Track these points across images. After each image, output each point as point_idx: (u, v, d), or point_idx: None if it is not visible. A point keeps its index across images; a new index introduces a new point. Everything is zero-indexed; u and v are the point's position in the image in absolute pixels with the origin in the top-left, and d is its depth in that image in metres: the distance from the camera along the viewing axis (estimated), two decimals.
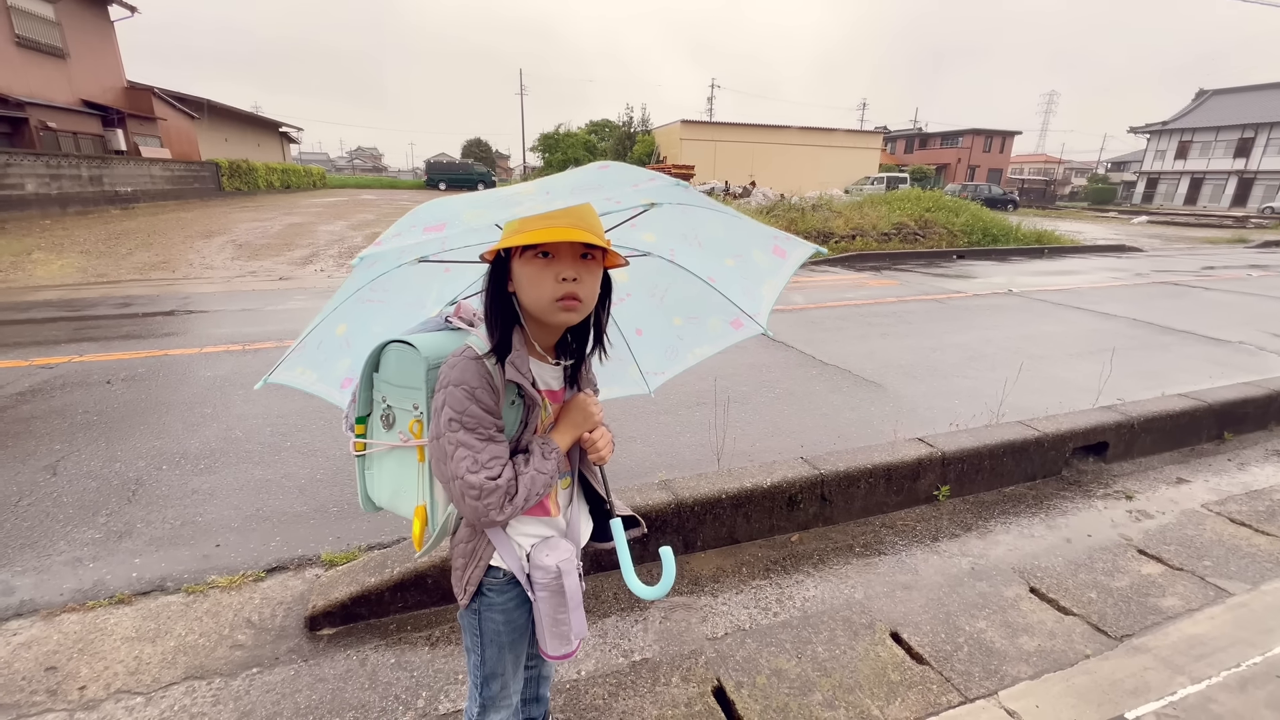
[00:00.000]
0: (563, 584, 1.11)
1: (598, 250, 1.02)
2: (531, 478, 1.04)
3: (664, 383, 1.73)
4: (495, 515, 1.01)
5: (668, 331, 1.64)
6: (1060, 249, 14.15)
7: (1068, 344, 5.79)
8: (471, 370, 0.99)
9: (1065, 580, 2.39)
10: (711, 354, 1.68)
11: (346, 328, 1.33)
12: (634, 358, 1.67)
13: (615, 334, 1.60)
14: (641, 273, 1.47)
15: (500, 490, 0.99)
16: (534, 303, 1.01)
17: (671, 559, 1.11)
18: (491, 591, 1.16)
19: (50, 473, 3.02)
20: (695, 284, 1.47)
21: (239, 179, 24.58)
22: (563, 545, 1.15)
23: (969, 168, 49.20)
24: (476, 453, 0.99)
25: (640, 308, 1.58)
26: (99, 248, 10.55)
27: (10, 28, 15.20)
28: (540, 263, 0.98)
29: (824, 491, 2.70)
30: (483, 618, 1.18)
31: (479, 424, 1.00)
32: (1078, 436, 3.27)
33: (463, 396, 0.98)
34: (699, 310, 1.57)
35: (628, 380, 1.73)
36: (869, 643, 2.05)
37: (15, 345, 5.16)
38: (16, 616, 2.09)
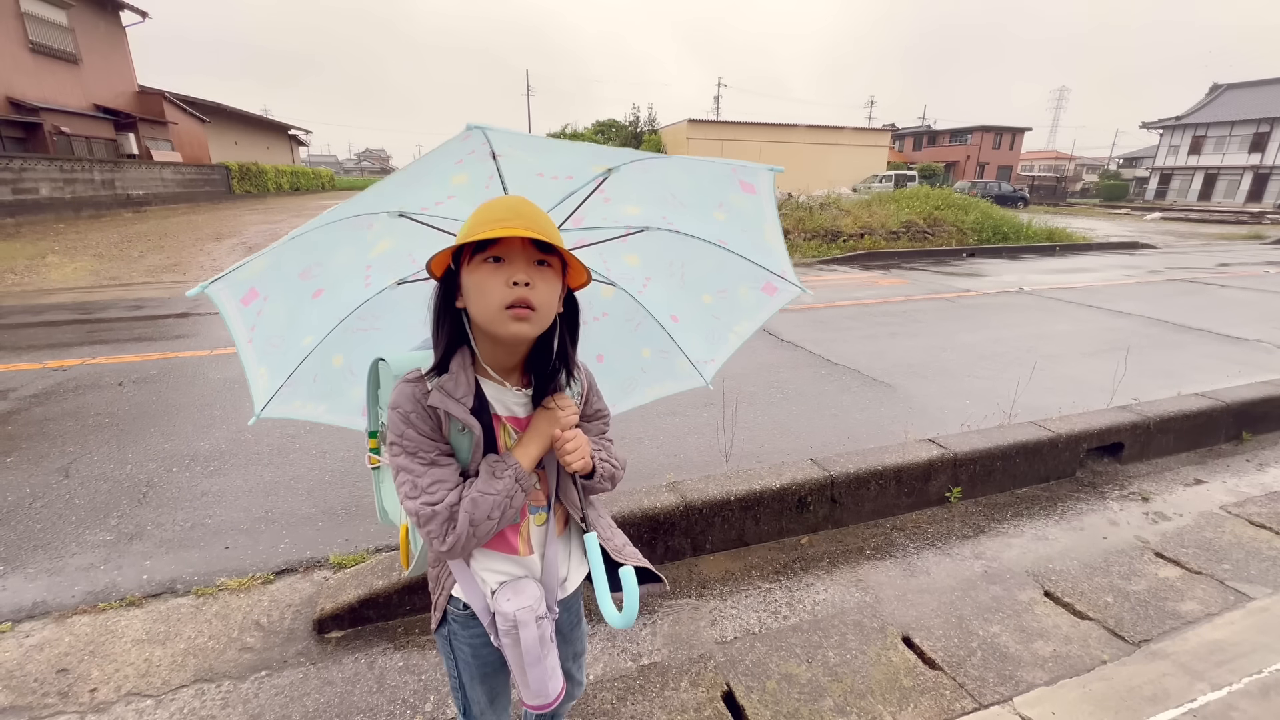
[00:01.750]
0: (518, 635, 0.98)
1: (555, 258, 0.93)
2: (473, 501, 0.92)
3: (717, 371, 1.65)
4: (438, 545, 0.92)
5: (702, 312, 1.55)
6: (1072, 246, 14.01)
7: (1081, 343, 5.71)
8: (405, 393, 0.95)
9: (1080, 584, 2.35)
10: (753, 330, 1.57)
11: (344, 359, 1.33)
12: (679, 347, 1.59)
13: (651, 323, 1.54)
14: (651, 252, 1.40)
15: (441, 517, 0.91)
16: (482, 312, 0.91)
17: (634, 582, 0.95)
18: (456, 623, 1.09)
19: (63, 475, 3.04)
20: (710, 252, 1.37)
21: (249, 182, 24.79)
22: (528, 590, 1.01)
23: (978, 165, 48.77)
24: (416, 477, 0.93)
25: (666, 291, 1.51)
26: (111, 251, 10.67)
27: (24, 34, 15.40)
28: (489, 268, 0.90)
29: (834, 493, 2.68)
30: (453, 645, 1.12)
31: (419, 448, 0.94)
32: (1092, 437, 3.22)
33: (398, 420, 0.94)
34: (724, 281, 1.48)
35: (680, 374, 1.67)
36: (880, 647, 2.02)
37: (30, 348, 5.21)
38: (29, 618, 2.10)
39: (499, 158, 0.95)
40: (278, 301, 1.11)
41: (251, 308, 1.06)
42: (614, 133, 42.22)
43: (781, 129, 34.17)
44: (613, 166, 1.07)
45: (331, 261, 1.12)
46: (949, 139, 52.36)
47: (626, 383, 1.70)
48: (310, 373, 1.27)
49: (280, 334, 1.17)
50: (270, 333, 1.14)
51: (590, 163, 1.06)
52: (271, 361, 1.19)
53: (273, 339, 1.16)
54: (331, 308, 1.21)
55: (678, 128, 34.58)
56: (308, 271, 1.10)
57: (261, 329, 1.11)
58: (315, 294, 1.16)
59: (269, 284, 1.06)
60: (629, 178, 1.14)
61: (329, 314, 1.22)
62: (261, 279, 1.03)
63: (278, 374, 1.22)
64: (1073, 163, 66.88)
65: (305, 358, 1.23)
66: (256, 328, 1.10)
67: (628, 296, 1.49)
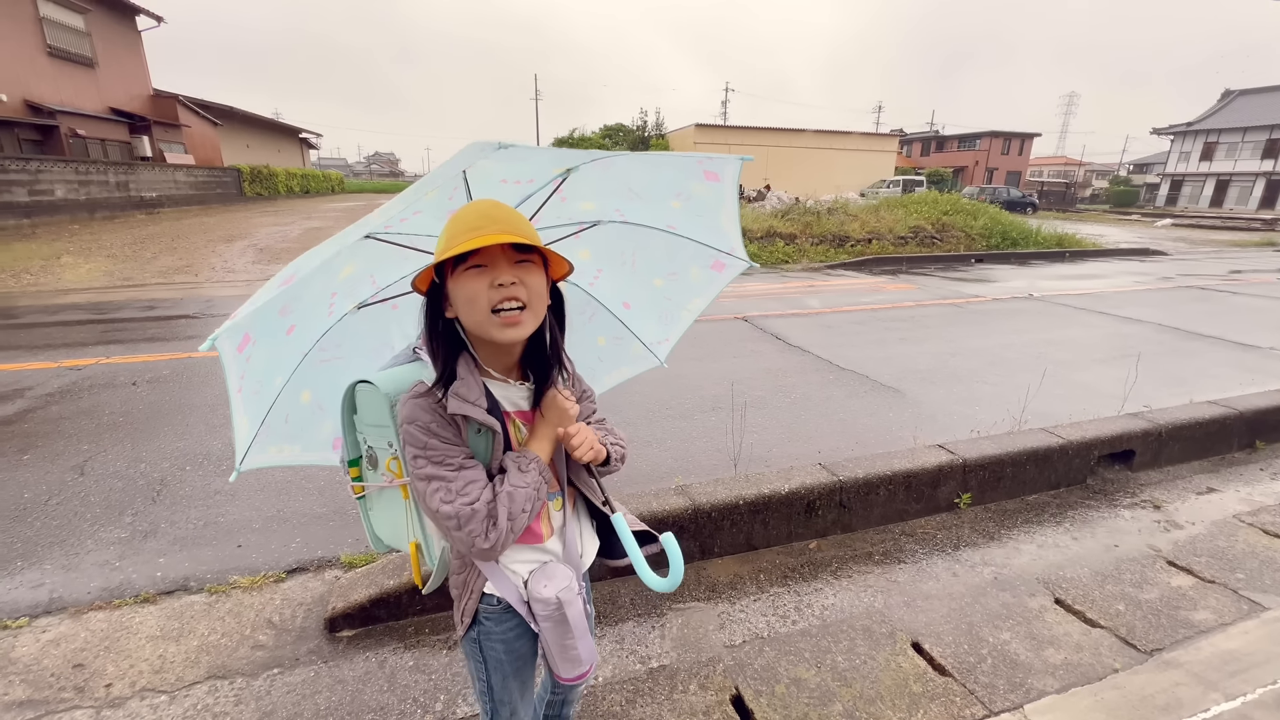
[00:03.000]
0: (565, 614, 1.04)
1: (535, 255, 0.96)
2: (509, 494, 0.96)
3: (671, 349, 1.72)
4: (481, 543, 0.94)
5: (654, 295, 1.61)
6: (1082, 252, 13.93)
7: (1091, 349, 5.68)
8: (421, 406, 0.96)
9: (1092, 591, 2.34)
10: (706, 305, 1.65)
11: (311, 394, 1.30)
12: (632, 332, 1.64)
13: (604, 313, 1.59)
14: (602, 245, 1.44)
15: (480, 514, 0.93)
16: (473, 320, 0.94)
17: (675, 546, 1.04)
18: (489, 620, 1.11)
19: (78, 473, 3.08)
20: (660, 239, 1.43)
21: (260, 184, 25.01)
22: (560, 572, 1.08)
23: (987, 170, 48.59)
24: (449, 483, 0.95)
25: (617, 281, 1.55)
26: (125, 252, 10.79)
27: (43, 38, 15.64)
28: (473, 274, 0.92)
29: (843, 498, 2.67)
30: (483, 646, 1.13)
31: (445, 456, 0.96)
32: (1103, 444, 3.20)
33: (418, 433, 0.95)
34: (674, 265, 1.54)
35: (634, 358, 1.72)
36: (890, 653, 2.02)
37: (46, 347, 5.28)
38: (46, 614, 2.13)
39: (467, 170, 0.97)
40: (262, 344, 1.10)
41: (244, 354, 1.06)
42: (621, 137, 42.34)
43: (789, 133, 34.18)
44: (572, 166, 1.09)
45: (305, 295, 1.11)
46: (957, 144, 52.21)
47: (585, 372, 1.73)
48: (281, 413, 1.25)
49: (259, 379, 1.16)
50: (254, 379, 1.13)
51: (551, 165, 1.08)
52: (250, 410, 1.18)
53: (255, 386, 1.15)
54: (299, 342, 1.20)
55: (685, 132, 34.66)
56: (286, 308, 1.10)
57: (249, 375, 1.11)
58: (289, 330, 1.15)
59: (257, 327, 1.06)
60: (587, 176, 1.16)
61: (297, 349, 1.21)
62: (253, 323, 1.03)
63: (254, 423, 1.20)
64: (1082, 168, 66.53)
65: (276, 399, 1.21)
66: (245, 374, 1.09)
67: (579, 290, 1.53)
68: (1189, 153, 43.44)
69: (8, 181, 12.51)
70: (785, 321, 6.62)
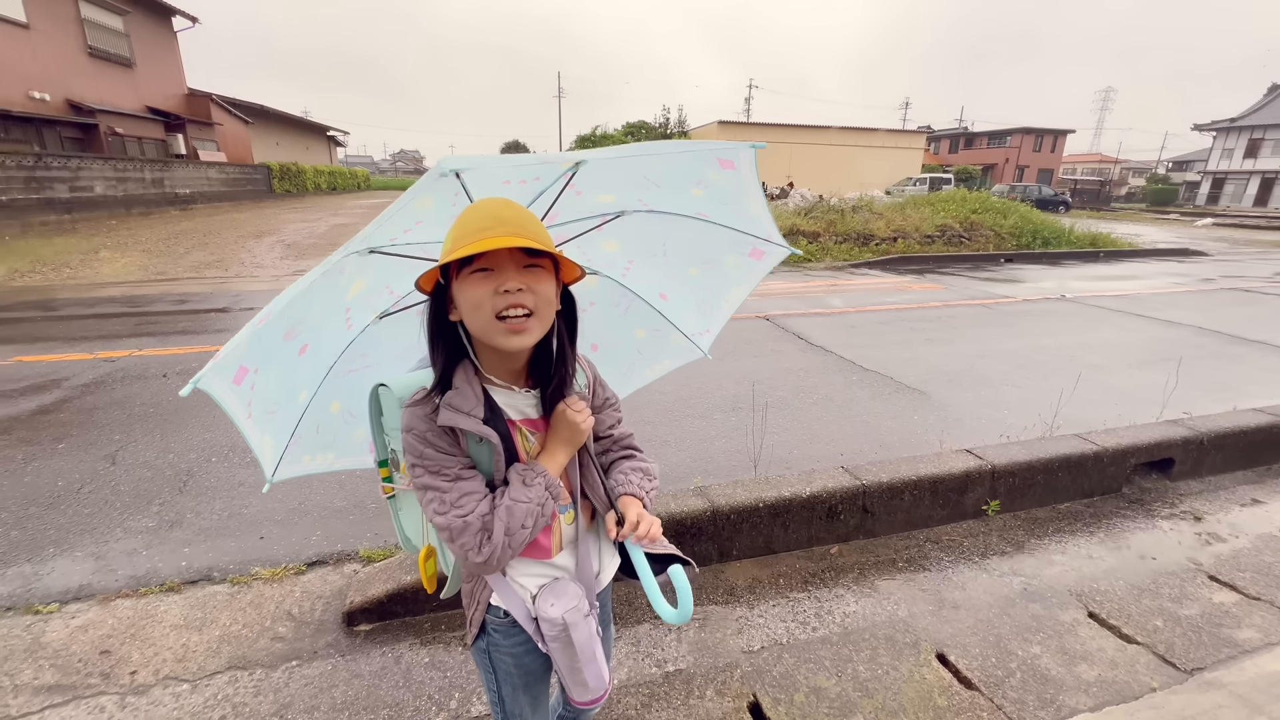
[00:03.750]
0: (570, 636, 0.99)
1: (546, 259, 0.91)
2: (508, 509, 0.91)
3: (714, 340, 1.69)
4: (474, 557, 0.91)
5: (690, 285, 1.57)
6: (1117, 252, 13.50)
7: (1127, 353, 5.49)
8: (417, 415, 0.93)
9: (1127, 606, 2.24)
10: (746, 294, 1.60)
11: (341, 403, 1.33)
12: (671, 323, 1.61)
13: (641, 305, 1.56)
14: (631, 235, 1.41)
15: (473, 528, 0.90)
16: (478, 325, 0.90)
17: (684, 578, 0.96)
18: (497, 633, 1.07)
19: (110, 462, 3.16)
20: (691, 227, 1.39)
21: (289, 181, 25.52)
22: (569, 590, 1.02)
23: (1018, 168, 47.43)
24: (444, 493, 0.92)
25: (650, 271, 1.52)
26: (159, 247, 11.10)
27: (84, 39, 16.14)
28: (479, 278, 0.88)
29: (866, 503, 2.61)
30: (493, 658, 1.10)
31: (441, 466, 0.93)
32: (1140, 452, 3.08)
33: (415, 442, 0.93)
34: (709, 253, 1.50)
35: (676, 349, 1.69)
36: (914, 664, 1.96)
37: (83, 339, 5.45)
38: (76, 600, 2.18)
39: (463, 174, 0.94)
40: (268, 371, 1.11)
41: (244, 384, 1.06)
42: (644, 134, 42.27)
43: (813, 130, 33.79)
44: (581, 160, 1.06)
45: (310, 316, 1.12)
46: (987, 141, 51.07)
47: (624, 367, 1.71)
48: (312, 425, 1.27)
49: (275, 399, 1.17)
50: (267, 402, 1.14)
51: (558, 163, 1.05)
52: (273, 428, 1.20)
53: (269, 407, 1.16)
54: (319, 358, 1.21)
55: (708, 129, 34.47)
56: (290, 332, 1.10)
57: (258, 401, 1.11)
58: (301, 351, 1.16)
59: (255, 356, 1.06)
60: (599, 169, 1.13)
61: (318, 364, 1.22)
62: (248, 354, 1.03)
63: (281, 437, 1.22)
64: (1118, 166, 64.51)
65: (304, 413, 1.24)
66: (253, 402, 1.10)
67: (612, 282, 1.50)
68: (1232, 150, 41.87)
69: (50, 178, 12.95)
70: (807, 321, 6.52)
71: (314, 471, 1.37)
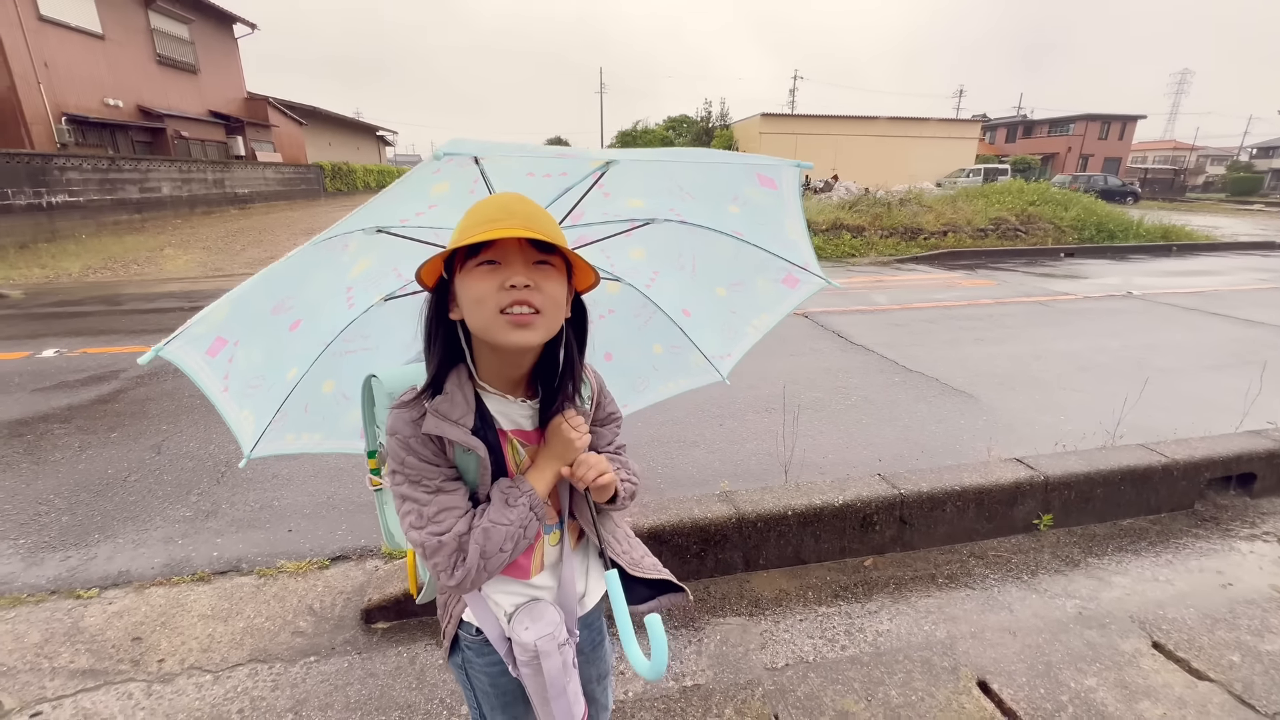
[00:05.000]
0: (540, 665, 0.91)
1: (557, 258, 0.84)
2: (485, 531, 0.85)
3: (734, 366, 1.61)
4: (446, 579, 0.85)
5: (716, 305, 1.49)
6: (1192, 246, 12.59)
7: (1201, 355, 5.06)
8: (402, 419, 0.87)
9: (1198, 637, 2.03)
10: (773, 324, 1.51)
11: (335, 384, 1.29)
12: (692, 342, 1.53)
13: (662, 318, 1.49)
14: (658, 245, 1.33)
15: (448, 548, 0.84)
16: (479, 321, 0.83)
17: (660, 629, 0.88)
18: (470, 650, 1.01)
19: (155, 451, 3.29)
20: (723, 244, 1.30)
21: (340, 180, 26.42)
22: (547, 615, 0.94)
23: (1081, 157, 44.84)
24: (422, 506, 0.86)
25: (675, 285, 1.44)
26: (218, 244, 11.65)
27: (153, 48, 17.08)
28: (484, 271, 0.81)
29: (903, 513, 2.46)
30: (469, 674, 1.04)
31: (421, 475, 0.87)
32: (1215, 465, 2.80)
33: (397, 447, 0.87)
34: (739, 274, 1.41)
35: (693, 370, 1.62)
36: (952, 690, 1.82)
37: (142, 332, 5.73)
38: (114, 586, 2.26)
39: (482, 161, 0.87)
40: (251, 343, 1.06)
41: (221, 356, 1.02)
42: (685, 128, 41.98)
43: (860, 121, 32.78)
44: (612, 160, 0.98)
45: (305, 290, 1.07)
46: (1047, 129, 48.49)
47: (637, 381, 1.63)
48: (300, 403, 1.24)
49: (259, 374, 1.13)
50: (248, 376, 1.10)
51: (586, 159, 0.97)
52: (255, 403, 1.15)
53: (251, 381, 1.12)
54: (313, 335, 1.17)
55: (750, 122, 33.91)
56: (280, 305, 1.05)
57: (236, 375, 1.07)
58: (293, 326, 1.11)
59: (236, 328, 1.02)
60: (631, 171, 1.05)
61: (312, 342, 1.18)
62: (226, 326, 0.98)
63: (264, 413, 1.18)
64: (1194, 153, 60.21)
65: (292, 390, 1.20)
66: (230, 375, 1.06)
67: (635, 291, 1.42)
68: None
69: (122, 180, 13.75)
70: (848, 318, 6.29)
71: (298, 451, 1.35)
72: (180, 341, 0.92)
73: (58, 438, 3.45)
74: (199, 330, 0.93)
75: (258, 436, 1.20)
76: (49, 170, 11.66)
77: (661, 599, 1.05)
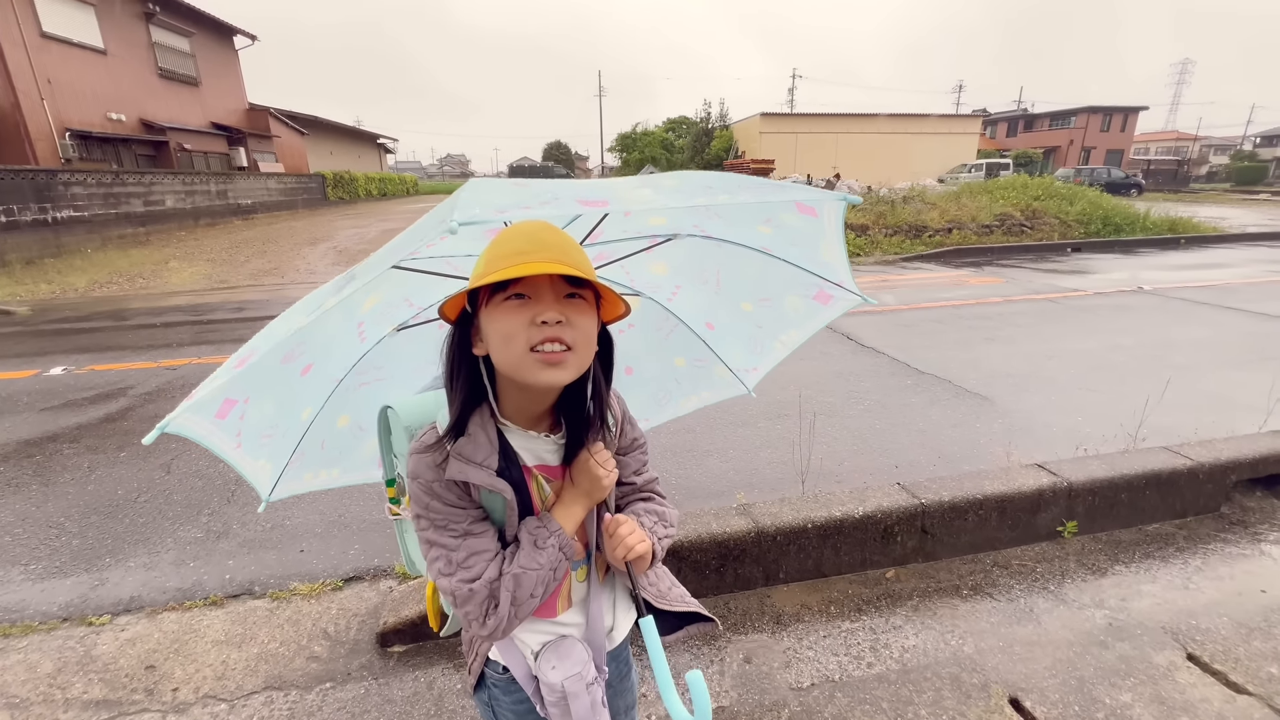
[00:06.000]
0: (569, 707, 0.88)
1: (587, 290, 0.80)
2: (515, 578, 0.81)
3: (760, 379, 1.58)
4: (479, 629, 0.82)
5: (741, 320, 1.45)
6: (1200, 238, 12.47)
7: (1220, 352, 4.99)
8: (425, 463, 0.84)
9: (1234, 648, 1.97)
10: (802, 340, 1.47)
11: (350, 417, 1.28)
12: (716, 355, 1.49)
13: (684, 331, 1.46)
14: (681, 260, 1.30)
15: (480, 596, 0.80)
16: (508, 359, 0.78)
17: (701, 683, 0.84)
18: (496, 688, 0.98)
19: (165, 470, 3.26)
20: (751, 259, 1.25)
21: (341, 189, 26.50)
22: (575, 653, 0.91)
23: (1083, 150, 44.63)
24: (450, 551, 0.83)
25: (699, 299, 1.40)
26: (222, 256, 11.66)
27: (154, 62, 17.16)
28: (513, 306, 0.77)
29: (924, 524, 2.41)
30: (495, 712, 1.01)
31: (447, 520, 0.84)
32: (1243, 467, 2.75)
33: (420, 492, 0.84)
34: (767, 290, 1.37)
35: (717, 383, 1.59)
36: (983, 709, 1.77)
37: (149, 347, 5.72)
38: (126, 612, 2.23)
39: None
40: (261, 397, 1.06)
41: (231, 416, 1.01)
42: (685, 129, 41.94)
43: (860, 119, 32.71)
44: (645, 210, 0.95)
45: (315, 336, 1.06)
46: (1049, 123, 48.28)
47: (660, 394, 1.60)
48: (316, 441, 1.23)
49: (271, 424, 1.12)
50: (260, 429, 1.09)
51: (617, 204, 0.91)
52: (270, 451, 1.15)
53: (265, 431, 1.11)
54: (325, 375, 1.16)
55: (750, 122, 33.87)
56: (290, 355, 1.04)
57: (249, 430, 1.06)
58: (304, 371, 1.10)
59: (245, 388, 1.00)
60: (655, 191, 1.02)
61: (324, 381, 1.17)
62: (235, 388, 0.98)
63: (280, 458, 1.18)
64: (1197, 143, 59.81)
65: (307, 430, 1.18)
66: (242, 432, 1.05)
67: (656, 305, 1.39)
68: None
69: (126, 194, 13.80)
70: (857, 320, 6.23)
71: (317, 488, 1.34)
72: (185, 415, 0.91)
73: (67, 458, 3.43)
74: (204, 396, 0.91)
75: (275, 481, 1.19)
76: (54, 186, 11.71)
77: (690, 628, 1.03)
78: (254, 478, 1.14)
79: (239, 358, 0.92)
